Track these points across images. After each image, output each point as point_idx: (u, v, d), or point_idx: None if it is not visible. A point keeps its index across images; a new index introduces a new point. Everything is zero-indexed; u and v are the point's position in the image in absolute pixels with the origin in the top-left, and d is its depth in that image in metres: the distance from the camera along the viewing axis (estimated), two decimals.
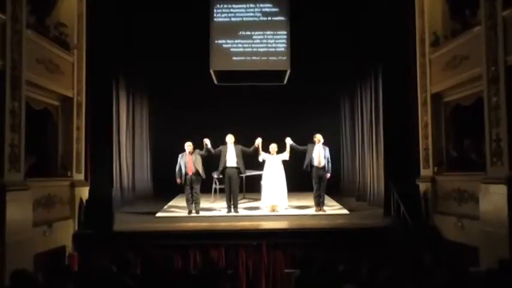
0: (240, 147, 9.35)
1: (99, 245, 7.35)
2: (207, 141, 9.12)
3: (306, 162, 9.21)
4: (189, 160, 9.10)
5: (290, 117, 13.27)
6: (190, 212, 9.23)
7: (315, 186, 9.26)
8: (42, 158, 7.52)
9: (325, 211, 9.34)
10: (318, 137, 9.21)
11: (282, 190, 9.34)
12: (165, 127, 13.39)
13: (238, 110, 13.04)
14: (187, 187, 9.14)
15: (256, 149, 9.34)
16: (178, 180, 9.21)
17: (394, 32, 8.79)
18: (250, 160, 11.40)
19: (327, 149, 9.27)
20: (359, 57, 11.34)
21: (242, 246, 7.42)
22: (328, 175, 9.24)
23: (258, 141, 9.29)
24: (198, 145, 9.75)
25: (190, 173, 9.06)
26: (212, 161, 9.82)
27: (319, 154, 9.14)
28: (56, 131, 7.83)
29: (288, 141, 9.29)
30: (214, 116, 13.11)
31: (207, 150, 9.17)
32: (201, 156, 9.17)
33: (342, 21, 10.99)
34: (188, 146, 9.18)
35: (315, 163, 9.12)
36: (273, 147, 9.42)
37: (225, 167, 9.26)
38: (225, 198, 9.53)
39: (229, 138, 9.35)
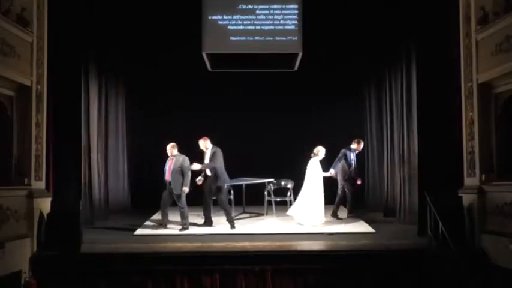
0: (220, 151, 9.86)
1: (63, 270, 7.32)
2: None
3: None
4: (168, 165, 9.49)
5: (302, 112, 13.26)
6: (162, 225, 9.65)
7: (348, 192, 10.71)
8: None
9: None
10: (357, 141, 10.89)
11: (303, 202, 9.90)
12: (146, 124, 13.38)
13: (237, 102, 13.01)
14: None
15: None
16: None
17: (432, 7, 8.76)
18: (251, 166, 11.46)
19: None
20: (388, 38, 11.30)
21: (241, 272, 7.39)
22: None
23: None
24: (186, 147, 9.83)
25: (168, 180, 9.44)
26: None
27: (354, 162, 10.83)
28: (10, 128, 7.79)
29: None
30: (207, 109, 13.09)
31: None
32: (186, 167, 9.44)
33: None
34: (168, 148, 9.55)
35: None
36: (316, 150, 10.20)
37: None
38: (218, 211, 9.81)
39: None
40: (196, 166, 9.53)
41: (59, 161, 8.55)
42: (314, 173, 9.90)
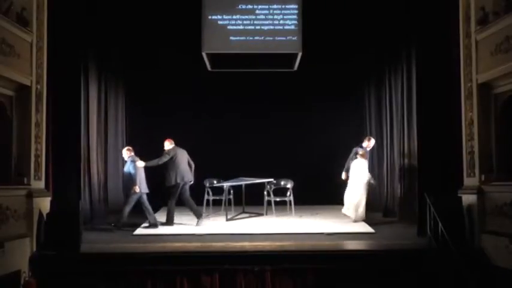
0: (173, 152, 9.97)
1: (62, 270, 7.32)
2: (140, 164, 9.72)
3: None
4: None
5: (302, 112, 13.27)
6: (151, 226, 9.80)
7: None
8: None
9: None
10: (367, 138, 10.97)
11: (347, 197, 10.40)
12: (145, 124, 13.37)
13: (237, 102, 13.02)
14: None
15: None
16: None
17: (432, 6, 8.76)
18: (251, 166, 11.46)
19: None
20: (388, 38, 11.31)
21: (241, 272, 7.39)
22: None
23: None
24: (185, 146, 9.85)
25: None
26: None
27: None
28: (10, 128, 7.79)
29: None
30: (207, 109, 13.11)
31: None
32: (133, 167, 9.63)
33: None
34: (124, 152, 10.07)
35: None
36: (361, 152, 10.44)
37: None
38: (219, 212, 9.75)
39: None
40: (140, 163, 9.67)
41: (58, 160, 8.54)
42: (359, 173, 10.17)
